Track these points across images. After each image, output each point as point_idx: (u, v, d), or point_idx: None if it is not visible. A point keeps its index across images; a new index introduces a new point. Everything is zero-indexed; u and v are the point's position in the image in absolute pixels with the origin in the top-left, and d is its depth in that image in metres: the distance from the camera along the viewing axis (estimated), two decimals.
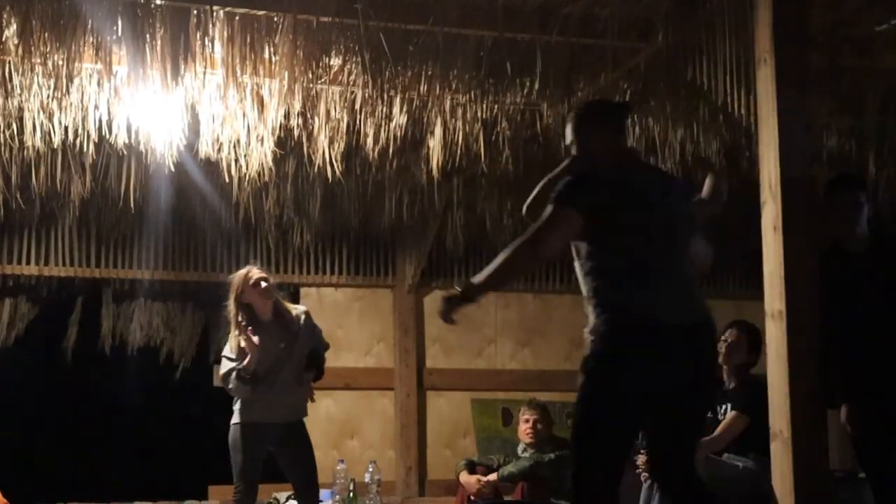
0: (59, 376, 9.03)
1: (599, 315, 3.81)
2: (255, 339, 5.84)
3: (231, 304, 5.96)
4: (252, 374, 5.84)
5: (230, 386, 5.90)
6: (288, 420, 6.00)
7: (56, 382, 9.31)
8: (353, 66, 5.72)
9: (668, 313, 3.77)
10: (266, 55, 5.53)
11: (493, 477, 6.91)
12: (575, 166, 4.08)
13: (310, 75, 5.68)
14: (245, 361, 5.83)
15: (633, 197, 3.88)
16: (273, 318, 6.02)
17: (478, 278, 3.85)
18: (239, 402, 5.97)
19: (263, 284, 5.96)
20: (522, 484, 6.74)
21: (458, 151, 6.46)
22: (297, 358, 6.02)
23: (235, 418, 5.97)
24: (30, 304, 8.36)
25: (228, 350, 5.97)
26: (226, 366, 5.93)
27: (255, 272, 6.02)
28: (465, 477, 7.02)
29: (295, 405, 6.05)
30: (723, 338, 5.77)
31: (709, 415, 5.71)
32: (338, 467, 7.06)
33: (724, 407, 5.64)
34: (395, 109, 6.04)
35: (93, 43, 5.33)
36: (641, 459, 5.46)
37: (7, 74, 5.57)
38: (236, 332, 5.91)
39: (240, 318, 5.90)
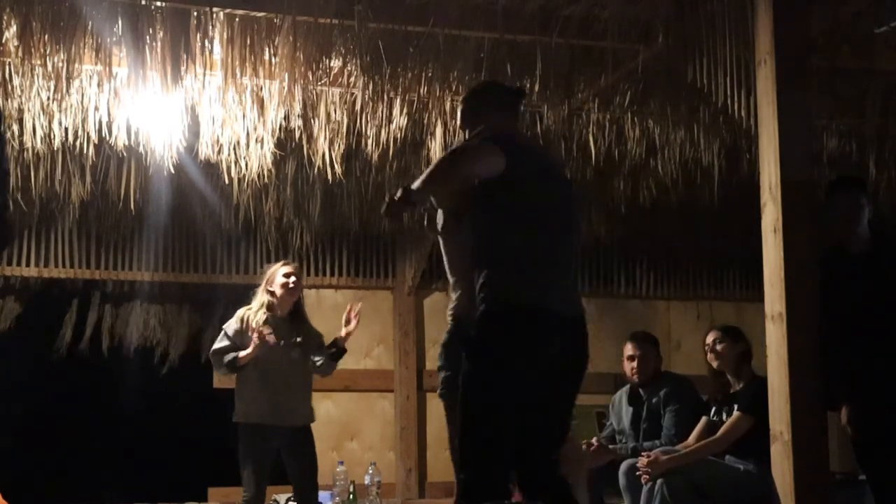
0: (57, 378, 9.01)
1: (487, 296, 3.72)
2: (271, 339, 5.90)
3: (261, 289, 6.11)
4: (241, 367, 5.95)
5: (218, 365, 6.03)
6: (294, 424, 6.01)
7: (54, 384, 9.29)
8: (353, 67, 5.72)
9: (558, 303, 3.75)
10: (266, 57, 5.53)
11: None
12: (485, 135, 3.95)
13: (310, 77, 5.68)
14: (243, 353, 5.88)
15: (540, 177, 3.83)
16: (289, 317, 6.07)
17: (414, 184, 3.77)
18: (240, 398, 6.00)
19: (292, 280, 6.05)
20: None
21: None
22: (304, 363, 6.05)
23: (240, 417, 5.98)
24: (28, 304, 8.35)
25: (232, 326, 6.04)
26: (221, 342, 6.02)
27: (289, 267, 6.14)
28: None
29: (300, 410, 6.07)
30: (705, 346, 5.79)
31: (714, 419, 5.72)
32: (337, 469, 7.06)
33: (728, 409, 5.64)
34: (396, 111, 6.05)
35: (93, 44, 5.34)
36: (642, 461, 5.47)
37: (7, 76, 5.57)
38: (255, 320, 5.98)
39: (262, 305, 6.02)
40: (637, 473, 5.50)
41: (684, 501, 5.33)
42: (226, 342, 5.99)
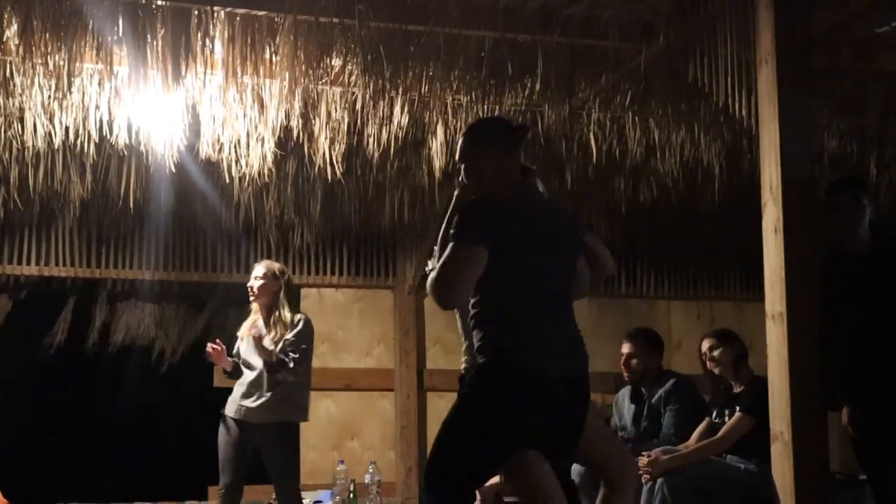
0: (54, 376, 9.02)
1: (480, 354, 3.72)
2: (212, 351, 6.16)
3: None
4: (228, 372, 6.25)
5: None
6: (273, 420, 6.05)
7: (52, 382, 9.30)
8: (354, 66, 5.72)
9: (553, 365, 3.69)
10: (267, 56, 5.53)
11: None
12: (468, 195, 3.88)
13: (311, 76, 5.68)
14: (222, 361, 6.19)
15: (526, 235, 3.72)
16: (266, 316, 6.21)
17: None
18: (233, 393, 6.20)
19: (250, 285, 6.23)
20: None
21: None
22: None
23: (224, 408, 6.20)
24: (28, 302, 8.35)
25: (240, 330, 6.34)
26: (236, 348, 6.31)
27: (256, 269, 6.28)
28: None
29: (279, 406, 6.06)
30: (701, 355, 5.80)
31: (716, 420, 5.72)
32: (338, 468, 7.06)
33: (729, 410, 5.64)
34: (396, 110, 6.04)
35: (94, 43, 5.33)
36: (643, 461, 5.47)
37: (8, 74, 5.57)
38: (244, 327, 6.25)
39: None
40: (638, 473, 5.50)
41: (685, 501, 5.33)
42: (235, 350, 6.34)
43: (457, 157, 4.00)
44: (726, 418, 5.62)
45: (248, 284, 6.26)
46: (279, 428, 6.07)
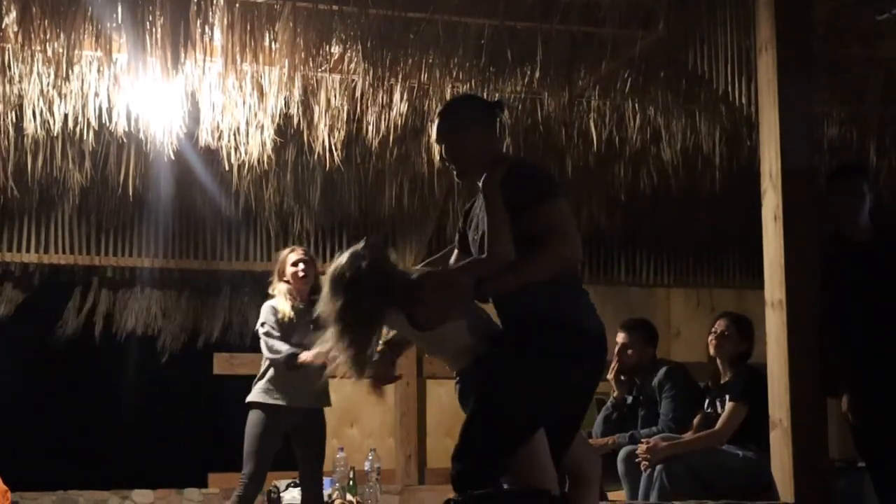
0: (56, 364, 9.03)
1: (526, 315, 3.59)
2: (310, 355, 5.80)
3: (275, 278, 6.10)
4: (297, 366, 5.88)
5: (277, 362, 5.94)
6: (310, 406, 6.02)
7: (53, 370, 9.31)
8: (354, 54, 5.71)
9: (591, 321, 3.66)
10: (266, 43, 5.53)
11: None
12: (514, 161, 3.78)
13: (310, 63, 5.68)
14: (304, 356, 5.82)
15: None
16: (308, 303, 5.91)
17: (492, 283, 3.52)
18: (263, 380, 6.01)
19: (301, 269, 6.03)
20: None
21: None
22: None
23: (257, 397, 5.99)
24: (28, 291, 8.36)
25: (271, 321, 5.99)
26: (275, 344, 5.94)
27: (296, 254, 6.10)
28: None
29: (318, 392, 6.01)
30: (713, 329, 5.78)
31: (708, 410, 5.72)
32: (337, 455, 7.06)
33: (720, 400, 5.64)
34: (396, 98, 6.04)
35: (93, 30, 5.33)
36: (641, 448, 5.47)
37: (7, 62, 5.56)
38: (286, 313, 5.98)
39: (285, 295, 6.02)
40: (636, 460, 5.51)
41: (683, 489, 5.33)
42: (277, 342, 5.96)
43: (434, 138, 3.89)
44: (718, 408, 5.62)
45: (299, 266, 6.02)
46: (318, 413, 6.10)
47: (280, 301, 6.04)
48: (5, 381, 8.49)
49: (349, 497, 6.89)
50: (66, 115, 5.87)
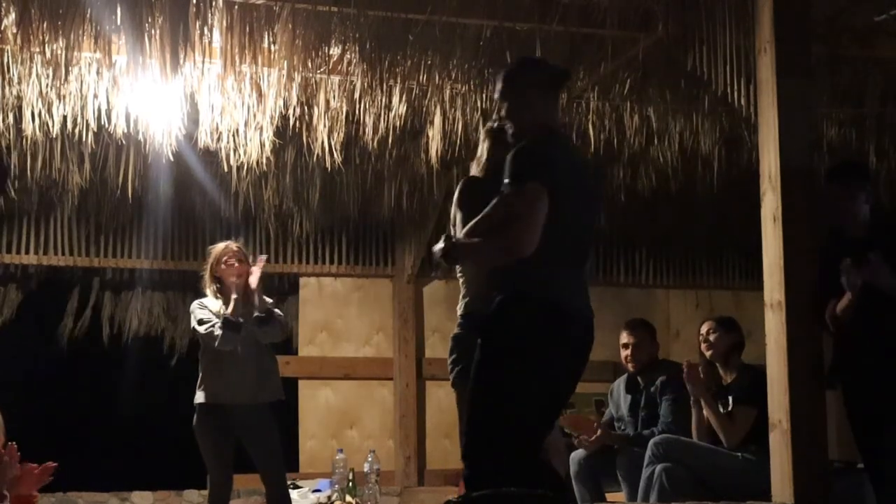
0: (57, 365, 9.02)
1: (507, 288, 3.64)
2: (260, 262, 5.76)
3: (207, 275, 5.91)
4: (237, 321, 5.67)
5: (216, 337, 5.68)
6: (247, 403, 5.72)
7: (54, 372, 9.30)
8: (353, 55, 5.71)
9: (574, 301, 3.68)
10: (265, 44, 5.52)
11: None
12: (533, 138, 3.75)
13: (309, 64, 5.68)
14: (229, 308, 5.69)
15: (571, 177, 3.68)
16: (242, 297, 5.81)
17: (460, 247, 3.75)
18: (200, 379, 5.81)
19: (235, 265, 5.82)
20: None
21: (458, 141, 6.47)
22: (256, 341, 5.79)
23: (198, 398, 5.79)
24: (27, 292, 8.36)
25: (200, 312, 5.81)
26: (203, 316, 5.76)
27: (230, 250, 5.89)
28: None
29: (255, 388, 5.74)
30: (699, 338, 5.80)
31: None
32: (337, 457, 7.06)
33: (723, 401, 5.64)
34: (395, 99, 6.04)
35: (92, 32, 5.33)
36: (688, 367, 5.50)
37: (6, 63, 5.56)
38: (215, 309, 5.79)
39: (213, 292, 5.84)
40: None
41: (683, 490, 5.33)
42: (208, 314, 5.76)
43: (496, 95, 3.87)
44: (721, 409, 5.62)
45: (233, 263, 5.82)
46: (266, 408, 5.80)
47: (210, 299, 5.88)
48: (4, 383, 8.48)
49: (349, 498, 6.89)
50: (65, 117, 5.86)
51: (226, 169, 6.68)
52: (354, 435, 8.43)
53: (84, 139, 6.19)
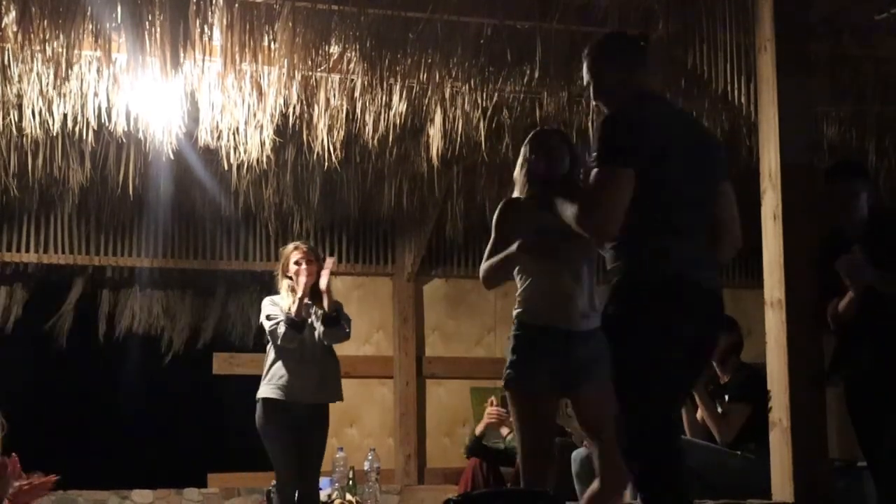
0: (55, 363, 9.02)
1: (626, 270, 3.54)
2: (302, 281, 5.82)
3: (279, 274, 6.04)
4: (300, 320, 5.80)
5: (279, 337, 5.81)
6: (308, 402, 5.88)
7: (53, 369, 9.29)
8: (353, 53, 5.71)
9: (698, 272, 3.55)
10: (265, 43, 5.52)
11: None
12: (614, 113, 3.67)
13: (309, 63, 5.68)
14: (293, 307, 5.80)
15: (668, 142, 3.56)
16: (311, 297, 5.93)
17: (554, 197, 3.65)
18: (266, 376, 5.91)
19: (304, 267, 5.91)
20: None
21: (458, 139, 6.47)
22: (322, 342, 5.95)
23: (263, 393, 5.89)
24: (28, 290, 8.36)
25: (270, 308, 5.94)
26: (271, 312, 5.88)
27: (299, 252, 6.00)
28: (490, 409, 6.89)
29: (317, 388, 5.91)
30: None
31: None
32: (337, 455, 7.05)
33: (719, 400, 5.64)
34: (395, 97, 6.04)
35: (92, 30, 5.33)
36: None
37: (6, 62, 5.56)
38: (287, 306, 5.89)
39: (287, 290, 5.94)
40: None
41: None
42: (275, 312, 5.89)
43: (585, 72, 3.83)
44: (718, 408, 5.62)
45: (301, 265, 5.91)
46: (324, 409, 5.99)
47: (281, 296, 6.00)
48: (4, 381, 8.48)
49: (349, 497, 6.89)
50: (65, 115, 5.86)
51: (226, 167, 6.68)
52: (354, 433, 8.43)
53: (84, 137, 6.20)
